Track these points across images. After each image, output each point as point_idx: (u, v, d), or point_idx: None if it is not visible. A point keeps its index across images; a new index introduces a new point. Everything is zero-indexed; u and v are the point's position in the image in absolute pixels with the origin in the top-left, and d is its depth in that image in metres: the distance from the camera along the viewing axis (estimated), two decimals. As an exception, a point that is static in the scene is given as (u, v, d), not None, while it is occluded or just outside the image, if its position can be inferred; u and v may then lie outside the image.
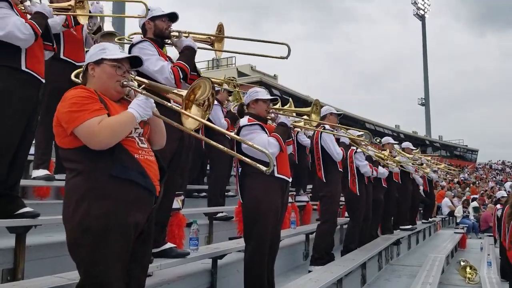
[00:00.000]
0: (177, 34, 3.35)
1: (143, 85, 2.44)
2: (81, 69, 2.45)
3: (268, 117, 3.90)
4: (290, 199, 6.87)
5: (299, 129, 6.87)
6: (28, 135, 3.12)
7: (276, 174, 3.61)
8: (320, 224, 5.16)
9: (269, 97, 3.88)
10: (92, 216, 2.02)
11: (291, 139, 4.10)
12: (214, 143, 2.31)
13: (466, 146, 50.43)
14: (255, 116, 3.78)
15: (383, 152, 6.59)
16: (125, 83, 2.25)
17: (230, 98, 6.26)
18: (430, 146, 45.12)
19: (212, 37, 3.58)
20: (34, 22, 3.00)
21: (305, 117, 4.79)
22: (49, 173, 3.96)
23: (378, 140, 8.09)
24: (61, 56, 3.97)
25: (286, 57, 3.28)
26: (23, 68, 3.00)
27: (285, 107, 5.68)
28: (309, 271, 4.65)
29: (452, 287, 6.22)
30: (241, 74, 27.80)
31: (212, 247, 4.13)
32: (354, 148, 5.90)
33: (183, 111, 2.18)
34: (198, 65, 3.36)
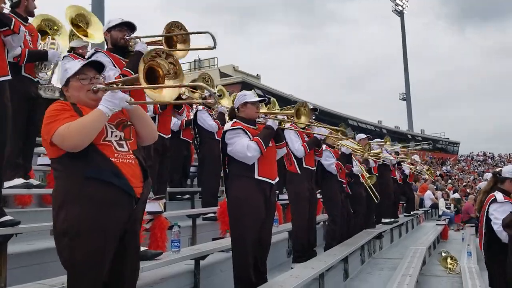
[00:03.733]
0: (134, 41, 3.40)
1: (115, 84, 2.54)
2: None
3: (258, 120, 3.97)
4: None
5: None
6: None
7: (255, 176, 3.69)
8: (294, 222, 5.26)
9: (256, 99, 3.93)
10: (68, 219, 2.13)
11: (283, 142, 4.13)
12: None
13: (448, 139, 51.08)
14: (244, 119, 3.85)
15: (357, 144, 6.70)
16: (94, 88, 2.33)
17: (220, 100, 6.37)
18: (412, 140, 45.60)
19: (159, 40, 3.57)
20: None
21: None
22: (25, 181, 3.97)
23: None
24: (23, 73, 4.09)
25: (214, 47, 3.23)
26: None
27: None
28: (292, 268, 4.72)
29: (434, 278, 6.35)
30: (223, 75, 27.86)
31: (194, 248, 4.19)
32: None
33: (148, 86, 2.28)
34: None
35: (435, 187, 17.84)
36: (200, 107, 6.16)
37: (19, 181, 3.90)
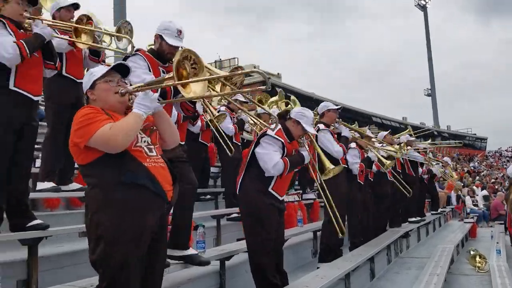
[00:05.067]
0: None
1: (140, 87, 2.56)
2: None
3: (300, 140, 3.93)
4: (297, 198, 6.96)
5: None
6: (22, 149, 3.19)
7: (269, 189, 3.72)
8: (324, 222, 5.23)
9: (310, 130, 3.90)
10: (105, 225, 2.18)
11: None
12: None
13: (475, 134, 50.03)
14: (288, 132, 3.84)
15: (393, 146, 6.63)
16: (122, 91, 2.34)
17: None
18: (439, 136, 44.83)
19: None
20: (23, 43, 3.09)
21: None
22: (54, 184, 4.08)
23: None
24: (64, 73, 4.08)
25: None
26: (11, 87, 3.11)
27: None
28: (317, 268, 4.70)
29: (462, 276, 6.23)
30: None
31: (219, 249, 4.22)
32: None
33: (179, 85, 2.30)
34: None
35: (462, 184, 17.49)
36: (223, 108, 6.19)
37: (49, 184, 4.01)
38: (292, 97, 9.02)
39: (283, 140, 3.77)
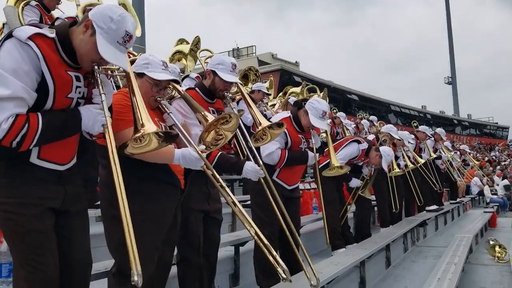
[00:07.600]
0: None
1: (178, 95, 2.73)
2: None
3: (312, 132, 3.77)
4: (314, 186, 6.95)
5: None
6: None
7: (273, 177, 3.60)
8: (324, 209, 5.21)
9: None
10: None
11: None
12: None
13: (496, 123, 49.14)
14: (300, 124, 3.70)
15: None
16: (158, 99, 2.43)
17: (264, 100, 6.46)
18: (459, 125, 44.16)
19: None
20: None
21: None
22: None
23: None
24: None
25: None
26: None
27: None
28: (332, 255, 4.70)
29: (481, 266, 6.15)
30: (262, 63, 27.78)
31: (234, 235, 4.25)
32: None
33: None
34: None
35: (482, 173, 17.19)
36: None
37: None
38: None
39: (286, 131, 3.57)
